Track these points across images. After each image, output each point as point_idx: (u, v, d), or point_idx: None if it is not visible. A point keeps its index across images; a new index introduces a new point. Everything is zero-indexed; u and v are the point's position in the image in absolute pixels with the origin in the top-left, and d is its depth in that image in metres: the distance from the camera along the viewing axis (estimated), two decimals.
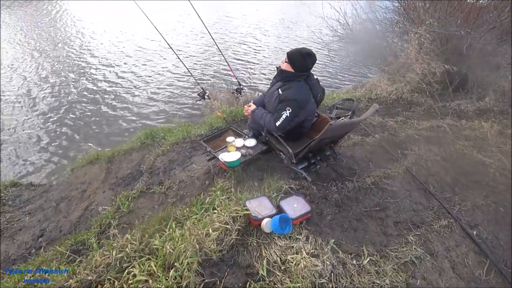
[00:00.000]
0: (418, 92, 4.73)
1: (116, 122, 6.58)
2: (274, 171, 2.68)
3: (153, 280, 1.59)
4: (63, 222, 2.99)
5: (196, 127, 4.21)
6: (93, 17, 14.93)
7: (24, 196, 3.87)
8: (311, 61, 2.33)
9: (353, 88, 6.49)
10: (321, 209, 2.34)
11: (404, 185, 2.72)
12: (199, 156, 3.31)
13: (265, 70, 8.95)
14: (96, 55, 10.29)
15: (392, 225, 2.27)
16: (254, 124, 2.81)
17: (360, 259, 1.93)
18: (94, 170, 3.84)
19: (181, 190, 2.83)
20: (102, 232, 2.56)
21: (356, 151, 3.19)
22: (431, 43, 4.49)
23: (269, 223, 2.00)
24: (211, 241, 1.82)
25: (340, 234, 2.13)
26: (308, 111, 2.45)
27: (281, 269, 1.77)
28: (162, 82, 8.28)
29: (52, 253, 2.30)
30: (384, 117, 4.07)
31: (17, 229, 3.08)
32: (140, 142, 3.96)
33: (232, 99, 5.43)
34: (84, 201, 3.27)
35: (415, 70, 4.66)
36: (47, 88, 8.15)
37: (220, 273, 1.74)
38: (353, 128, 2.98)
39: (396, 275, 1.83)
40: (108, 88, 8.01)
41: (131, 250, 1.78)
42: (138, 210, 2.76)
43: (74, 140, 6.03)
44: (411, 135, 3.57)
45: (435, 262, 1.97)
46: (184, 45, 10.77)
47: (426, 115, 4.22)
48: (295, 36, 12.27)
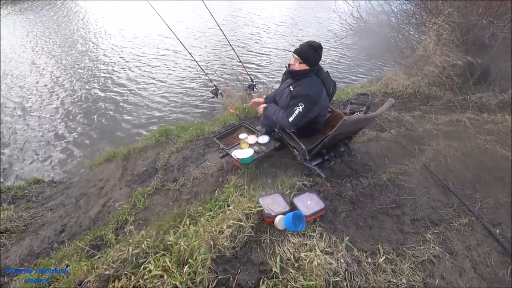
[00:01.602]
0: (436, 86, 4.57)
1: (131, 120, 6.71)
2: (287, 167, 2.67)
3: (168, 275, 1.61)
4: (83, 218, 3.09)
5: (210, 124, 4.25)
6: (107, 16, 15.24)
7: (46, 192, 4.03)
8: (322, 52, 2.30)
9: (368, 82, 6.34)
10: (335, 206, 2.31)
11: (422, 181, 2.64)
12: (212, 153, 3.33)
13: (277, 67, 8.88)
14: (111, 54, 10.52)
15: (409, 223, 2.21)
16: (267, 121, 2.80)
17: (375, 257, 1.89)
18: (111, 168, 3.94)
19: (195, 187, 2.86)
20: (119, 228, 2.63)
21: (371, 147, 3.13)
22: (450, 34, 4.32)
23: (282, 220, 1.99)
24: (224, 238, 1.83)
25: (354, 232, 2.10)
26: (322, 105, 2.41)
27: (294, 267, 1.76)
28: (176, 80, 8.36)
29: (73, 247, 2.39)
30: (400, 112, 3.96)
31: (40, 224, 3.20)
32: (154, 140, 4.03)
33: (245, 96, 5.43)
34: (102, 197, 3.37)
35: (434, 62, 4.50)
36: (66, 87, 8.42)
37: (233, 269, 1.75)
38: (368, 124, 2.92)
39: (413, 274, 1.78)
40: (123, 87, 8.17)
41: (147, 246, 1.82)
42: (153, 207, 2.82)
43: (92, 138, 6.21)
44: (429, 130, 3.46)
45: (455, 262, 1.91)
46: (197, 43, 10.82)
47: (445, 109, 4.07)
48: (307, 32, 12.09)
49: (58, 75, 9.27)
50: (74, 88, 8.36)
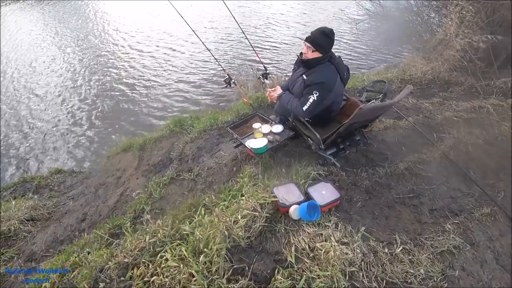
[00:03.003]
0: (457, 71, 4.36)
1: (146, 111, 6.83)
2: (301, 157, 2.64)
3: (184, 264, 1.65)
4: (102, 207, 3.19)
5: (223, 114, 4.24)
6: (122, 11, 15.35)
7: (67, 182, 4.18)
8: (334, 38, 2.24)
9: (385, 69, 6.14)
10: (351, 195, 2.28)
11: (441, 170, 2.56)
12: (226, 143, 3.34)
13: (291, 56, 8.72)
14: (126, 45, 10.63)
15: (427, 213, 2.16)
16: (281, 110, 2.76)
17: (392, 247, 1.86)
18: (128, 158, 4.02)
19: (210, 177, 2.89)
20: (136, 217, 2.70)
21: (388, 135, 3.04)
22: (474, 15, 4.08)
23: (297, 210, 1.98)
24: (239, 227, 1.84)
25: (371, 222, 2.07)
26: (336, 92, 2.36)
27: (309, 257, 1.76)
28: (189, 70, 8.39)
29: (94, 236, 2.47)
30: (418, 99, 3.82)
31: (63, 212, 3.33)
32: (169, 130, 4.07)
33: (259, 85, 5.38)
34: (119, 187, 3.46)
35: (455, 46, 4.28)
36: (86, 79, 8.64)
37: (248, 259, 1.77)
38: (384, 112, 2.84)
39: (431, 265, 1.75)
40: (138, 78, 8.29)
41: (163, 235, 1.86)
42: (169, 196, 2.87)
43: (109, 129, 6.36)
44: (449, 117, 3.32)
45: (476, 253, 1.86)
46: (211, 32, 10.75)
47: (466, 95, 3.90)
48: (322, 17, 11.74)
49: (75, 66, 9.50)
50: (91, 79, 8.56)
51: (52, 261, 2.22)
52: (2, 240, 2.86)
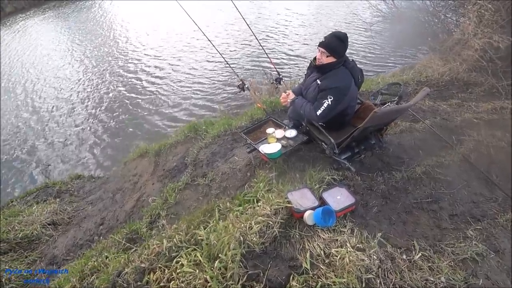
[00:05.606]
0: (476, 71, 4.23)
1: (161, 117, 6.97)
2: (315, 161, 2.62)
3: (200, 270, 1.66)
4: (119, 211, 3.26)
5: (237, 119, 4.27)
6: (135, 16, 15.79)
7: (86, 187, 4.30)
8: (348, 42, 2.22)
9: (400, 71, 6.03)
10: (367, 200, 2.23)
11: (461, 174, 2.48)
12: (240, 148, 3.35)
13: (304, 60, 8.69)
14: (140, 51, 10.92)
15: (447, 218, 2.09)
16: (294, 114, 2.76)
17: (410, 254, 1.81)
18: (144, 163, 4.11)
19: (224, 182, 2.90)
20: (152, 222, 2.75)
21: (404, 138, 2.98)
22: (493, 14, 3.96)
23: (311, 215, 1.96)
24: (253, 233, 1.84)
25: (387, 227, 2.02)
26: (351, 97, 2.34)
27: (325, 263, 1.73)
28: (203, 76, 8.50)
29: (111, 240, 2.53)
30: (435, 101, 3.73)
31: (82, 217, 3.43)
32: (184, 136, 4.13)
33: (272, 90, 5.39)
34: (136, 192, 3.53)
35: (473, 46, 4.16)
36: (103, 87, 8.94)
37: (263, 265, 1.76)
38: (400, 115, 2.78)
39: (453, 273, 1.68)
40: (152, 85, 8.49)
41: (179, 241, 1.88)
42: (184, 202, 2.90)
43: (125, 135, 6.53)
44: (469, 119, 3.22)
45: (501, 260, 1.78)
46: (223, 38, 10.87)
47: (486, 96, 3.77)
48: (335, 21, 11.65)
49: (91, 71, 9.87)
50: (108, 87, 8.87)
51: (72, 265, 2.29)
52: (26, 244, 2.98)
